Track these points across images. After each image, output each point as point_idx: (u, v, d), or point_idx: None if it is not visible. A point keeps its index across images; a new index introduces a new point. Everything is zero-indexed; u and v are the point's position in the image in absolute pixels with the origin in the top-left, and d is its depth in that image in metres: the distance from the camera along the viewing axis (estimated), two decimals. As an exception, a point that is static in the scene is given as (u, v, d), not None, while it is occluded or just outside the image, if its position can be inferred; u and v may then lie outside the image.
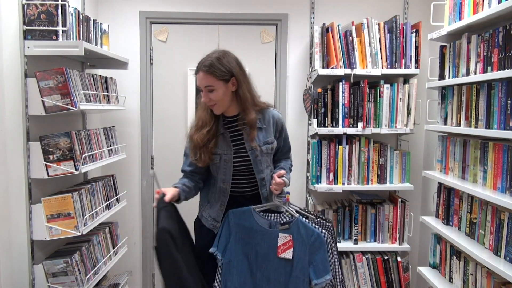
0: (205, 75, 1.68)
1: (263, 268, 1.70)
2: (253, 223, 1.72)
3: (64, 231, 1.96)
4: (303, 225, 1.68)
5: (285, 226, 1.69)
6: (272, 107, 1.89)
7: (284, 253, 1.68)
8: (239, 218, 1.74)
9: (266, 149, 1.79)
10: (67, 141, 1.97)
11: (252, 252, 1.71)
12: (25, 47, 1.91)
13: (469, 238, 2.00)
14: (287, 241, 1.68)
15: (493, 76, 1.76)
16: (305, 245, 1.66)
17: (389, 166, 2.60)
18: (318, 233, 1.65)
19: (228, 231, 1.74)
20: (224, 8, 2.84)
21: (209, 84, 1.69)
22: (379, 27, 2.52)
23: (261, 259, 1.70)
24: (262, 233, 1.71)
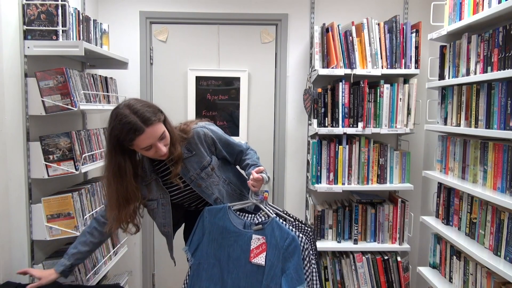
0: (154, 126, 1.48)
1: (234, 275, 1.58)
2: (227, 223, 1.61)
3: (64, 231, 1.96)
4: (278, 227, 1.55)
5: (259, 226, 1.58)
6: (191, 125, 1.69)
7: (256, 257, 1.56)
8: (214, 216, 1.64)
9: (206, 173, 1.67)
10: (67, 141, 1.97)
11: (224, 256, 1.61)
12: (25, 47, 1.91)
13: (469, 238, 2.00)
14: (261, 244, 1.56)
15: (493, 76, 1.76)
16: (279, 249, 1.52)
17: (389, 166, 2.60)
18: (293, 236, 1.51)
19: (202, 230, 1.65)
20: (224, 8, 2.84)
21: (161, 132, 1.51)
22: (379, 27, 2.52)
23: (232, 264, 1.59)
24: (236, 234, 1.60)
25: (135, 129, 1.43)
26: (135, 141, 1.46)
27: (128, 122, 1.43)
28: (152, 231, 2.98)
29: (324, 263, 2.65)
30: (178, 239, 1.93)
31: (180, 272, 2.98)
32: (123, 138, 1.46)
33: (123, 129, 1.44)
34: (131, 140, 1.45)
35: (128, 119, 1.43)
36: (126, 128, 1.43)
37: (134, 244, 2.95)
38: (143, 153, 1.56)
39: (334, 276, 2.64)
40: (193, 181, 1.66)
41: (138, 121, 1.44)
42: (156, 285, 3.04)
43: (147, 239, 2.96)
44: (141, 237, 2.97)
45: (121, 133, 1.45)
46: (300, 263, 1.52)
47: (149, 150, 1.51)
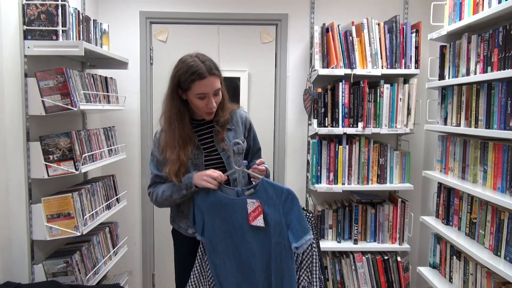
0: (215, 78, 1.61)
1: (245, 241, 1.59)
2: (220, 196, 1.60)
3: (64, 231, 1.96)
4: (270, 185, 1.54)
5: (251, 190, 1.57)
6: (238, 108, 1.84)
7: (255, 220, 1.55)
8: (205, 196, 1.62)
9: (237, 149, 1.73)
10: (67, 141, 1.97)
11: (230, 227, 1.61)
12: (25, 47, 1.91)
13: (469, 238, 2.00)
14: (256, 207, 1.55)
15: (493, 76, 1.76)
16: (277, 206, 1.53)
17: (389, 166, 2.60)
18: (288, 189, 1.52)
19: (200, 211, 1.65)
20: (224, 8, 2.84)
21: (218, 87, 1.63)
22: (379, 27, 2.52)
23: (240, 232, 1.59)
24: (232, 204, 1.59)
25: (199, 73, 1.56)
26: (195, 84, 1.57)
27: (194, 65, 1.57)
28: (152, 231, 2.98)
29: (324, 263, 2.65)
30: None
31: (180, 272, 2.98)
32: (184, 79, 1.58)
33: (188, 71, 1.57)
34: (192, 81, 1.56)
35: (195, 63, 1.58)
36: (191, 70, 1.56)
37: (134, 244, 2.96)
38: (193, 102, 1.63)
39: (334, 276, 2.64)
40: (224, 150, 1.72)
41: (203, 67, 1.57)
42: (156, 285, 3.04)
43: (147, 239, 2.96)
44: (141, 237, 2.97)
45: (185, 74, 1.57)
46: (301, 214, 1.53)
47: (202, 99, 1.60)
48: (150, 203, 2.92)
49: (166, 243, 2.99)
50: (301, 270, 1.61)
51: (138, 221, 2.96)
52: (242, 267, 1.61)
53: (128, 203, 2.80)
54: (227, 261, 1.62)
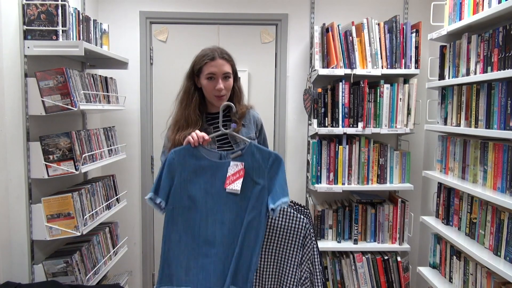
0: (225, 62, 1.70)
1: (215, 211, 1.51)
2: (200, 159, 1.53)
3: (64, 231, 1.96)
4: (258, 149, 1.52)
5: (238, 153, 1.52)
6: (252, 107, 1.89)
7: (232, 184, 1.48)
8: (184, 156, 1.53)
9: None
10: (67, 141, 1.97)
11: (200, 194, 1.51)
12: (25, 47, 1.91)
13: (469, 238, 2.00)
14: (238, 170, 1.49)
15: (493, 76, 1.76)
16: (263, 170, 1.50)
17: (389, 166, 2.60)
18: (275, 154, 1.52)
19: (171, 173, 1.52)
20: (224, 8, 2.84)
21: (228, 71, 1.70)
22: (379, 27, 2.52)
23: (211, 200, 1.51)
24: (212, 167, 1.52)
25: (210, 55, 1.69)
26: (205, 66, 1.68)
27: (209, 50, 1.72)
28: (152, 231, 2.98)
29: (324, 263, 2.65)
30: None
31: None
32: (198, 62, 1.71)
33: (201, 54, 1.72)
34: (203, 61, 1.69)
35: (210, 49, 1.72)
36: (204, 53, 1.71)
37: (134, 244, 2.96)
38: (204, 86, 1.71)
39: (334, 276, 2.64)
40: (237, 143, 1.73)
41: (215, 52, 1.70)
42: (156, 285, 3.04)
43: (147, 239, 2.96)
44: (141, 237, 2.97)
45: (199, 58, 1.72)
46: (284, 179, 1.51)
47: (211, 80, 1.69)
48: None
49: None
50: (303, 262, 1.63)
51: (138, 221, 2.96)
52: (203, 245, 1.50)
53: (128, 203, 2.80)
54: (184, 237, 1.50)
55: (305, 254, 1.64)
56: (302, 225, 1.63)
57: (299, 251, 1.64)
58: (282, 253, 1.65)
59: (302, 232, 1.64)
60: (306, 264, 1.64)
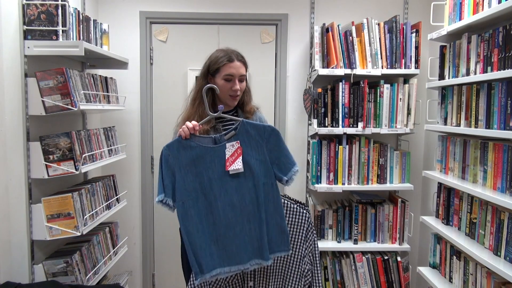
0: (242, 65, 1.79)
1: (223, 195, 1.54)
2: (195, 148, 1.54)
3: (64, 231, 1.96)
4: (251, 125, 1.55)
5: (231, 133, 1.53)
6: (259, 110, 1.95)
7: (233, 164, 1.50)
8: (178, 149, 1.53)
9: None
10: (67, 141, 1.97)
11: (204, 182, 1.54)
12: (25, 47, 1.91)
13: (469, 238, 2.00)
14: (236, 150, 1.51)
15: (493, 76, 1.76)
16: (261, 145, 1.53)
17: (389, 166, 2.60)
18: (270, 127, 1.56)
19: (170, 170, 1.53)
20: (224, 8, 2.84)
21: (244, 74, 1.80)
22: (379, 27, 2.52)
23: (217, 185, 1.53)
24: (210, 153, 1.53)
25: (228, 57, 1.76)
26: (223, 66, 1.75)
27: (225, 51, 1.78)
28: (152, 231, 2.98)
29: (324, 263, 2.65)
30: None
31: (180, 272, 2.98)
32: (215, 62, 1.77)
33: (219, 55, 1.77)
34: (221, 63, 1.74)
35: (227, 51, 1.79)
36: (222, 54, 1.77)
37: (134, 244, 2.96)
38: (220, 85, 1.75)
39: (334, 276, 2.64)
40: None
41: (232, 54, 1.78)
42: (156, 285, 3.04)
43: (147, 239, 2.96)
44: (141, 237, 2.97)
45: (216, 58, 1.77)
46: (286, 148, 1.57)
47: (228, 81, 1.76)
48: (150, 203, 2.93)
49: (166, 243, 3.00)
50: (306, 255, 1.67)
51: (138, 221, 2.96)
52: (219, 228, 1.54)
53: (128, 203, 2.80)
54: (200, 226, 1.54)
55: (308, 247, 1.68)
56: (305, 219, 1.66)
57: (303, 244, 1.67)
58: None
59: (305, 225, 1.67)
60: (308, 257, 1.67)
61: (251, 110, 1.87)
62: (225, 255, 1.55)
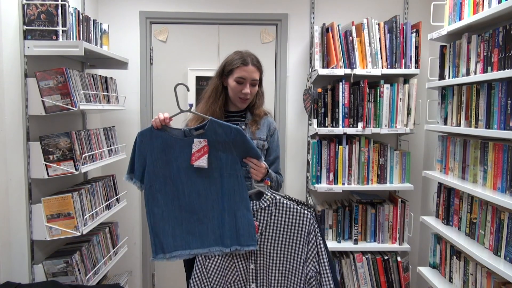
0: (256, 70, 1.82)
1: (190, 183, 1.61)
2: (166, 137, 1.61)
3: (64, 231, 1.96)
4: (219, 125, 1.61)
5: (200, 130, 1.61)
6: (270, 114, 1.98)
7: (198, 160, 1.59)
8: (150, 137, 1.61)
9: (257, 143, 1.84)
10: (67, 141, 1.97)
11: (173, 170, 1.61)
12: (25, 47, 1.91)
13: (469, 238, 2.00)
14: (202, 147, 1.59)
15: (493, 76, 1.76)
16: (228, 143, 1.60)
17: (389, 166, 2.60)
18: (236, 128, 1.61)
19: (142, 154, 1.61)
20: (224, 8, 2.84)
21: (256, 79, 1.83)
22: (379, 27, 2.52)
23: (184, 174, 1.61)
24: (179, 144, 1.61)
25: (243, 60, 1.80)
26: (237, 68, 1.79)
27: (241, 55, 1.82)
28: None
29: (324, 263, 2.65)
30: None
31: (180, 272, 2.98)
32: (230, 63, 1.82)
33: (235, 57, 1.82)
34: (235, 64, 1.79)
35: (243, 54, 1.83)
36: (238, 57, 1.81)
37: (134, 244, 2.96)
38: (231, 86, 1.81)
39: (334, 276, 2.64)
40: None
41: (248, 58, 1.81)
42: (156, 285, 3.04)
43: (147, 239, 2.96)
44: (141, 237, 2.97)
45: (232, 59, 1.81)
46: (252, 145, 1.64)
47: (240, 84, 1.80)
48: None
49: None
50: (308, 260, 1.63)
51: (138, 221, 2.96)
52: (184, 213, 1.61)
53: (128, 203, 2.80)
54: (166, 210, 1.61)
55: (309, 251, 1.64)
56: (306, 220, 1.63)
57: (304, 248, 1.64)
58: (287, 250, 1.64)
59: (306, 228, 1.63)
60: (311, 262, 1.64)
61: (260, 114, 1.89)
62: (188, 239, 1.62)
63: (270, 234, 1.65)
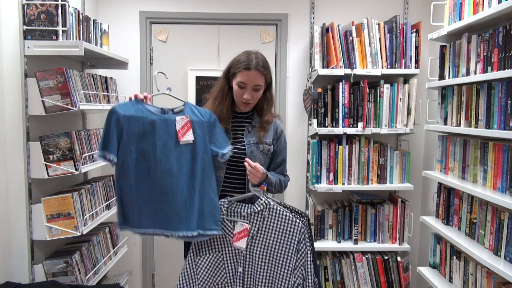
0: (259, 75, 1.75)
1: (164, 162, 1.60)
2: (145, 113, 1.60)
3: (64, 231, 1.96)
4: (194, 107, 1.67)
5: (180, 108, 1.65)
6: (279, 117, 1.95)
7: (185, 136, 1.61)
8: (129, 109, 1.60)
9: (262, 147, 1.81)
10: (67, 141, 1.97)
11: (148, 147, 1.60)
12: (25, 47, 1.91)
13: (469, 238, 2.00)
14: (185, 123, 1.61)
15: (493, 76, 1.76)
16: (203, 124, 1.64)
17: (389, 166, 2.60)
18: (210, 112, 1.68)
19: (118, 128, 1.58)
20: (224, 8, 2.84)
21: (259, 84, 1.76)
22: (379, 27, 2.52)
23: (160, 152, 1.60)
24: (158, 121, 1.61)
25: (247, 64, 1.73)
26: (240, 72, 1.74)
27: (248, 57, 1.76)
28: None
29: (324, 263, 2.65)
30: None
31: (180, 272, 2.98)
32: (234, 65, 1.77)
33: (240, 59, 1.77)
34: (238, 68, 1.75)
35: (250, 57, 1.76)
36: (243, 59, 1.76)
37: (134, 244, 2.96)
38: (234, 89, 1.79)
39: (334, 276, 2.64)
40: (250, 144, 1.80)
41: (253, 61, 1.74)
42: (156, 285, 3.04)
43: (147, 239, 2.96)
44: (141, 237, 2.96)
45: (237, 62, 1.77)
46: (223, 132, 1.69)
47: (241, 88, 1.76)
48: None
49: (166, 243, 3.00)
50: (297, 268, 1.61)
51: (138, 221, 2.96)
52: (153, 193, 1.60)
53: (128, 203, 2.80)
54: (135, 187, 1.60)
55: (298, 259, 1.63)
56: (297, 229, 1.61)
57: (294, 256, 1.62)
58: (276, 256, 1.63)
59: (296, 236, 1.61)
60: (299, 270, 1.62)
61: (268, 120, 1.84)
62: (154, 218, 1.62)
63: (261, 239, 1.64)
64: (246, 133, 1.82)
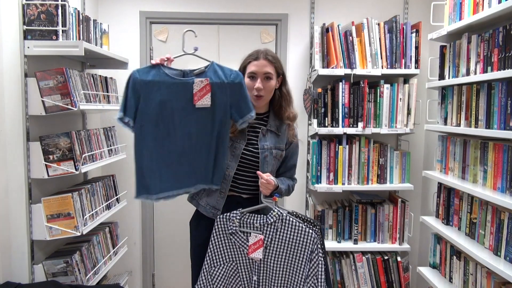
0: (269, 63, 1.75)
1: (183, 125, 1.61)
2: (164, 77, 1.58)
3: (64, 231, 1.96)
4: (220, 68, 1.64)
5: (200, 69, 1.63)
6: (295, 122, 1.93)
7: (201, 100, 1.58)
8: (147, 74, 1.58)
9: (276, 153, 1.80)
10: (67, 141, 1.97)
11: (166, 111, 1.59)
12: (25, 47, 1.91)
13: (469, 238, 2.00)
14: (204, 86, 1.58)
15: (493, 76, 1.76)
16: (225, 85, 1.61)
17: (389, 166, 2.60)
18: (236, 71, 1.66)
19: (136, 93, 1.56)
20: (224, 8, 2.84)
21: (269, 71, 1.75)
22: (379, 27, 2.52)
23: (178, 116, 1.60)
24: (177, 84, 1.59)
25: (255, 55, 1.77)
26: (249, 64, 1.76)
27: (257, 51, 1.79)
28: (152, 231, 2.98)
29: (324, 263, 2.65)
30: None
31: (180, 272, 2.98)
32: (244, 60, 1.80)
33: (250, 54, 1.80)
34: (247, 61, 1.77)
35: (258, 50, 1.79)
36: (252, 53, 1.79)
37: (134, 244, 2.96)
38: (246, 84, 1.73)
39: (334, 276, 2.64)
40: (264, 149, 1.79)
41: (260, 52, 1.77)
42: (156, 285, 3.04)
43: (147, 239, 2.96)
44: (141, 237, 2.97)
45: (246, 57, 1.80)
46: (247, 95, 1.65)
47: (252, 79, 1.75)
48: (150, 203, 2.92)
49: (166, 243, 3.00)
50: (309, 277, 1.62)
51: (138, 221, 2.96)
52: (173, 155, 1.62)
53: (128, 203, 2.80)
54: (154, 151, 1.61)
55: (311, 268, 1.64)
56: (311, 239, 1.63)
57: (306, 265, 1.64)
58: (290, 265, 1.65)
59: (310, 246, 1.63)
60: (311, 279, 1.64)
61: (289, 116, 1.83)
62: (174, 179, 1.65)
63: (275, 249, 1.66)
64: (261, 136, 1.79)
